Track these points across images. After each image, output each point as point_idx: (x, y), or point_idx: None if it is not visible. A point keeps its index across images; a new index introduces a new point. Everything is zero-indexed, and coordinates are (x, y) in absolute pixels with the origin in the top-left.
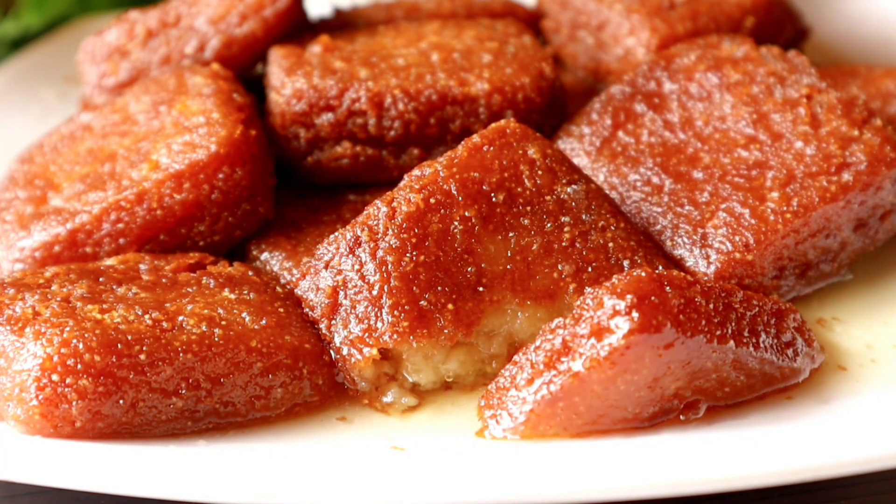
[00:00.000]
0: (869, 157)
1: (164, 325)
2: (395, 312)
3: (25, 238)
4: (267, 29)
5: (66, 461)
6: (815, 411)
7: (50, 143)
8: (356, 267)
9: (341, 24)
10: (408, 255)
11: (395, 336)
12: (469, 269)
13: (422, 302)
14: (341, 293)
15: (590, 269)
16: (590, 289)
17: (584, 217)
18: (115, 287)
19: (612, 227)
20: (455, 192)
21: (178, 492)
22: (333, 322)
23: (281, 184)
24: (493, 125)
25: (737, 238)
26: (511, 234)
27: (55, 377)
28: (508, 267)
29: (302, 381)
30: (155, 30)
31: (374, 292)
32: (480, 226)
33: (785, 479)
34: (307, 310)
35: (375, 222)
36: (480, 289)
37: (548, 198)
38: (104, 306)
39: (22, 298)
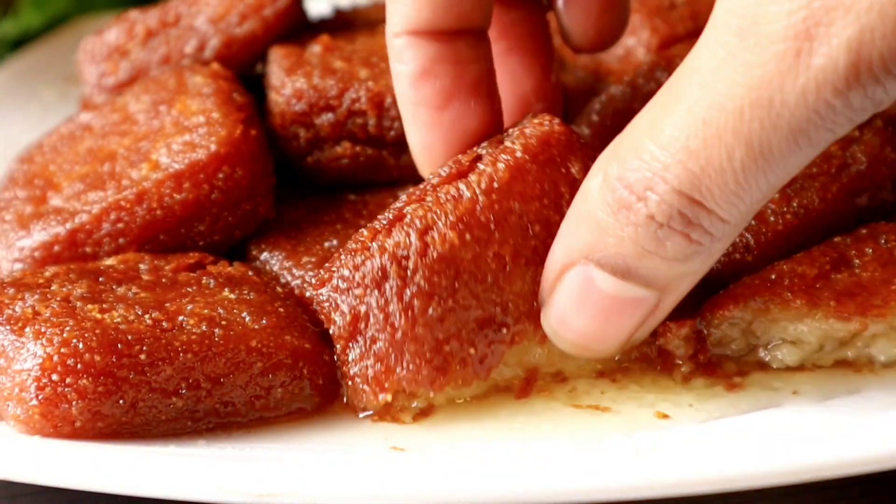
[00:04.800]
0: (869, 158)
1: (165, 324)
2: (417, 361)
3: (25, 238)
4: (267, 28)
5: (66, 461)
6: (816, 411)
7: (50, 143)
8: (380, 304)
9: (341, 24)
10: (435, 299)
11: (413, 384)
12: (496, 309)
13: (445, 348)
14: (362, 324)
15: None
16: None
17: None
18: (115, 287)
19: None
20: (493, 227)
21: (178, 492)
22: (350, 348)
23: (281, 184)
24: (539, 132)
25: (737, 239)
26: (542, 267)
27: (55, 377)
28: (535, 304)
29: (302, 381)
30: (155, 29)
31: (398, 336)
32: (512, 263)
33: (785, 480)
34: (321, 317)
35: (405, 255)
36: (504, 330)
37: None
38: (104, 306)
39: (22, 298)
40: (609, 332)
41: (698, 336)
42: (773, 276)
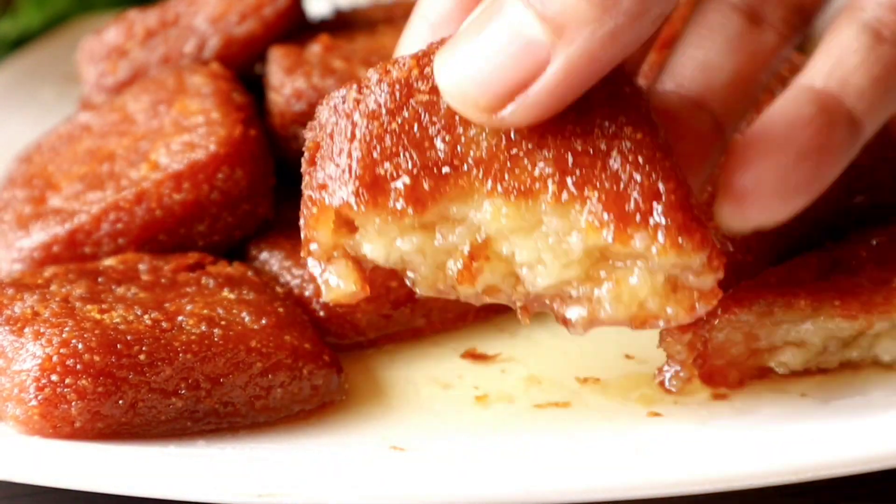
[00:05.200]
0: (869, 159)
1: (164, 325)
2: (350, 175)
3: (24, 238)
4: (266, 28)
5: (66, 461)
6: (816, 411)
7: (49, 143)
8: (333, 123)
9: (341, 24)
10: (381, 119)
11: (343, 198)
12: (442, 147)
13: (378, 169)
14: (321, 148)
15: (577, 174)
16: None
17: (595, 119)
18: (114, 287)
19: (625, 139)
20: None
21: (177, 492)
22: (308, 178)
23: (281, 184)
24: None
25: (737, 239)
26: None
27: (54, 377)
28: (486, 155)
29: (302, 382)
30: (154, 29)
31: (339, 153)
32: None
33: (785, 480)
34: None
35: (366, 82)
36: (446, 169)
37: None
38: (103, 306)
39: (21, 298)
40: (488, 72)
41: (701, 341)
42: (774, 280)
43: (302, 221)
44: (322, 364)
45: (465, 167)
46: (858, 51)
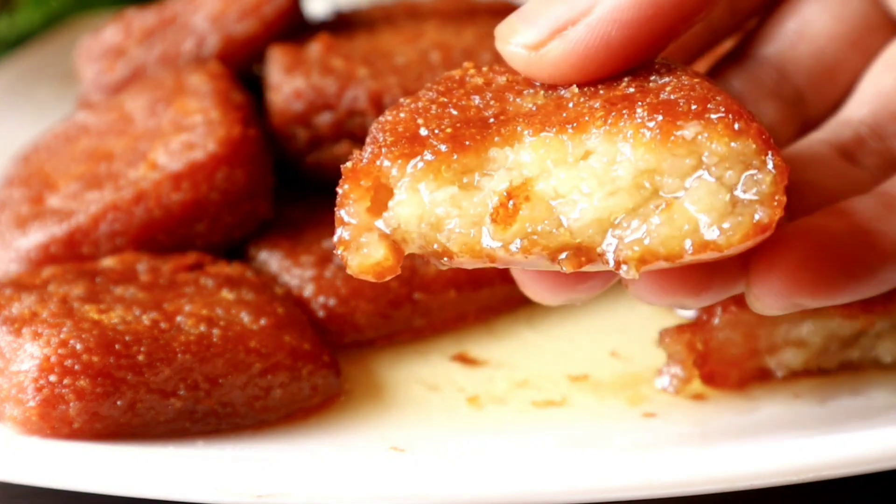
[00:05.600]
0: None
1: (163, 325)
2: (388, 133)
3: (22, 238)
4: (266, 27)
5: (65, 462)
6: (816, 412)
7: (47, 143)
8: (378, 123)
9: (341, 24)
10: (427, 98)
11: (381, 151)
12: (489, 111)
13: (421, 130)
14: (376, 123)
15: (628, 103)
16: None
17: (650, 77)
18: (112, 287)
19: (681, 80)
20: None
21: (177, 492)
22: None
23: (280, 184)
24: None
25: None
26: (558, 91)
27: (53, 378)
28: (535, 109)
29: (301, 382)
30: (152, 28)
31: (381, 127)
32: (527, 85)
33: (785, 480)
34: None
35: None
36: (491, 120)
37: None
38: (102, 307)
39: (19, 299)
40: (535, 7)
41: (700, 341)
42: None
43: (339, 197)
44: (321, 364)
45: (512, 118)
46: None
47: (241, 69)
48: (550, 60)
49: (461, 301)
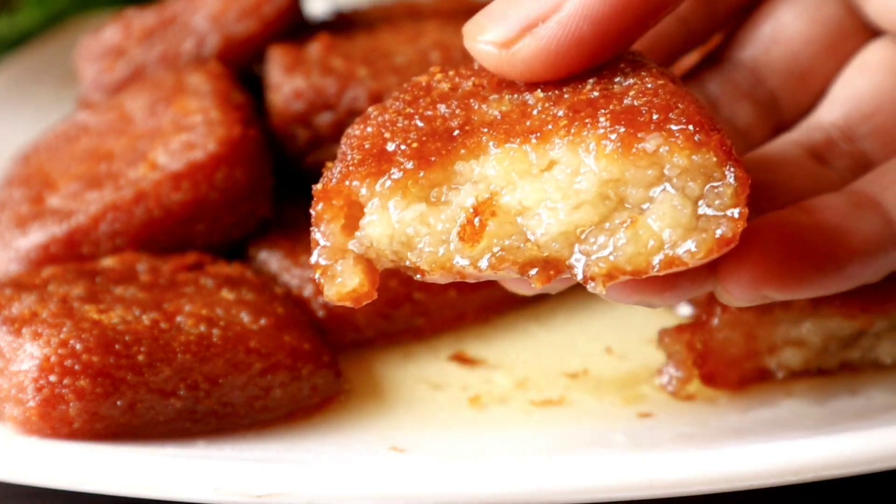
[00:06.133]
0: None
1: (163, 325)
2: (356, 151)
3: (22, 238)
4: (266, 27)
5: (65, 462)
6: (816, 412)
7: (47, 143)
8: (350, 135)
9: (341, 24)
10: (394, 108)
11: (349, 170)
12: (455, 121)
13: (388, 144)
14: (343, 143)
15: (589, 109)
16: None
17: (615, 79)
18: (112, 287)
19: (645, 83)
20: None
21: (176, 493)
22: (321, 181)
23: (280, 184)
24: None
25: None
26: (523, 96)
27: (53, 378)
28: (500, 117)
29: (301, 382)
30: (152, 28)
31: (349, 143)
32: (492, 90)
33: (785, 480)
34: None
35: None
36: (456, 132)
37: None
38: (102, 307)
39: (19, 299)
40: (504, 5)
41: (700, 341)
42: None
43: (312, 225)
44: (321, 364)
45: (476, 129)
46: None
47: (241, 69)
48: (522, 58)
49: (461, 301)
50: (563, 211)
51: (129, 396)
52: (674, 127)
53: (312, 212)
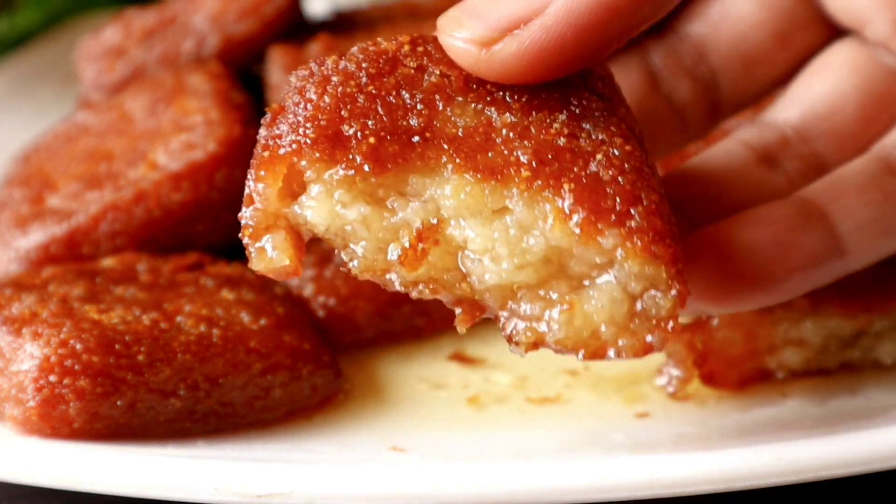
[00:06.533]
0: None
1: (163, 325)
2: (312, 123)
3: (22, 238)
4: (265, 27)
5: (65, 462)
6: (816, 412)
7: (47, 143)
8: (304, 82)
9: (341, 24)
10: (358, 80)
11: (299, 142)
12: (417, 120)
13: (344, 126)
14: (284, 109)
15: (556, 166)
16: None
17: (584, 125)
18: (112, 287)
19: (613, 147)
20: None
21: (176, 493)
22: (263, 134)
23: None
24: None
25: None
26: (489, 110)
27: (53, 378)
28: (463, 134)
29: (301, 382)
30: (152, 28)
31: (304, 105)
32: (458, 91)
33: (785, 480)
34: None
35: (351, 51)
36: (416, 139)
37: (556, 93)
38: (102, 306)
39: (19, 299)
40: (490, 8)
41: (700, 341)
42: None
43: (248, 178)
44: (321, 364)
45: (437, 141)
46: (864, 175)
47: (241, 69)
48: (500, 60)
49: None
50: (506, 266)
51: (129, 396)
52: (634, 227)
53: (251, 170)
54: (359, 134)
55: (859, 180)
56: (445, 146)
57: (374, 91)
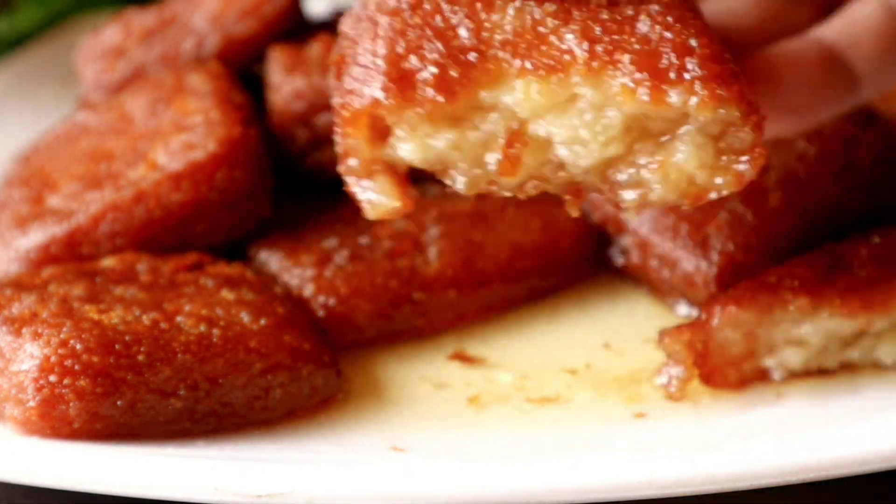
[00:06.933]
0: (871, 158)
1: (163, 325)
2: (376, 72)
3: (22, 238)
4: (266, 27)
5: (65, 462)
6: (816, 412)
7: (47, 143)
8: (355, 30)
9: None
10: (402, 14)
11: (372, 95)
12: (466, 35)
13: (404, 63)
14: (346, 59)
15: (606, 40)
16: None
17: None
18: (112, 287)
19: (652, 2)
20: None
21: (177, 492)
22: (336, 91)
23: (280, 184)
24: None
25: (738, 239)
26: (528, 5)
27: (53, 378)
28: (512, 36)
29: (301, 382)
30: (152, 28)
31: (363, 55)
32: None
33: (785, 480)
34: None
35: None
36: (472, 55)
37: None
38: (102, 307)
39: (19, 299)
40: None
41: (700, 341)
42: (773, 279)
43: (337, 136)
44: (321, 364)
45: (492, 51)
46: (874, 20)
47: (241, 69)
48: None
49: (461, 301)
50: (594, 147)
51: (129, 396)
52: (695, 78)
53: (337, 128)
54: (419, 65)
55: (874, 26)
56: (500, 54)
57: (419, 21)
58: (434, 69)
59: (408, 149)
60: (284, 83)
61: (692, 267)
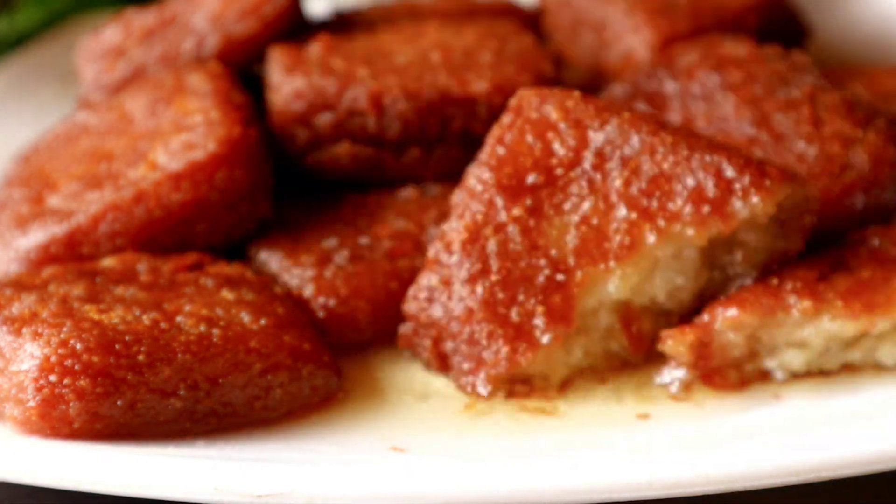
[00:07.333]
0: (871, 158)
1: (163, 325)
2: (492, 341)
3: (22, 238)
4: (266, 27)
5: (65, 462)
6: (816, 413)
7: (47, 143)
8: (442, 313)
9: (341, 24)
10: (479, 282)
11: (503, 364)
12: (542, 262)
13: (513, 317)
14: (442, 343)
15: (655, 202)
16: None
17: (627, 152)
18: (112, 287)
19: (661, 148)
20: (496, 200)
21: (177, 492)
22: (452, 372)
23: (280, 184)
24: (510, 102)
25: None
26: (567, 206)
27: (53, 378)
28: (577, 242)
29: (301, 382)
30: (152, 28)
31: (467, 330)
32: (534, 217)
33: (785, 480)
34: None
35: (437, 260)
36: (560, 277)
37: (585, 152)
38: (102, 306)
39: (19, 299)
40: None
41: (702, 343)
42: (775, 282)
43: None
44: (321, 364)
45: (571, 263)
46: None
47: (241, 69)
48: None
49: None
50: (686, 289)
51: (130, 396)
52: (748, 187)
53: (484, 386)
54: (527, 313)
55: None
56: (582, 261)
57: (498, 277)
58: (541, 308)
59: (554, 377)
60: (284, 83)
61: None
